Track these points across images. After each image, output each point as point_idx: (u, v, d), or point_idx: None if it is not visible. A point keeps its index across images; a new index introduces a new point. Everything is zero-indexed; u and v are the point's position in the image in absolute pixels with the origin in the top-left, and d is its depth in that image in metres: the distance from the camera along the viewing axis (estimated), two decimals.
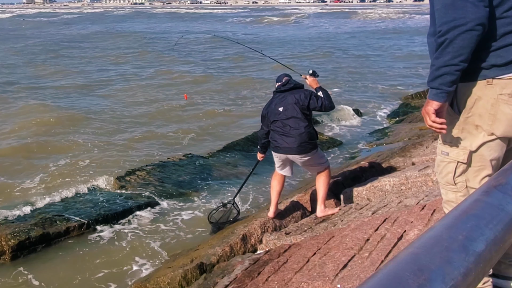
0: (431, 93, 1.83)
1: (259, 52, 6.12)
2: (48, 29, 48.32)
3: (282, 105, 4.55)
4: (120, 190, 6.67)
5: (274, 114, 4.56)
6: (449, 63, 1.76)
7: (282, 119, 4.51)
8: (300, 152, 4.48)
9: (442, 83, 1.79)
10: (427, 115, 1.84)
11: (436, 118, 1.82)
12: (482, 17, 1.71)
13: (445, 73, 1.77)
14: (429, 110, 1.82)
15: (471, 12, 1.71)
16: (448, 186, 1.99)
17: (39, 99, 13.32)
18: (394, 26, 45.38)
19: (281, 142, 4.51)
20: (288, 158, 4.59)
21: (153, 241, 5.49)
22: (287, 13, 76.15)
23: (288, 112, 4.51)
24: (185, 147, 9.02)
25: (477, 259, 0.86)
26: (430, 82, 1.83)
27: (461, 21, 1.72)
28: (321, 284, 2.84)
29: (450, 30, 1.74)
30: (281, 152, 4.57)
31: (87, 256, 5.22)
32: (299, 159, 4.55)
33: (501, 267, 1.99)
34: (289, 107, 4.52)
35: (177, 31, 42.17)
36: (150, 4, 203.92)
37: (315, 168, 4.71)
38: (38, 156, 8.47)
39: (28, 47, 28.73)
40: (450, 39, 1.74)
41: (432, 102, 1.82)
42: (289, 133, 4.47)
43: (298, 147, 4.45)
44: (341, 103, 12.81)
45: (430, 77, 1.83)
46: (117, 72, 18.92)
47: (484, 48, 1.80)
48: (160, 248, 5.35)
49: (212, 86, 15.45)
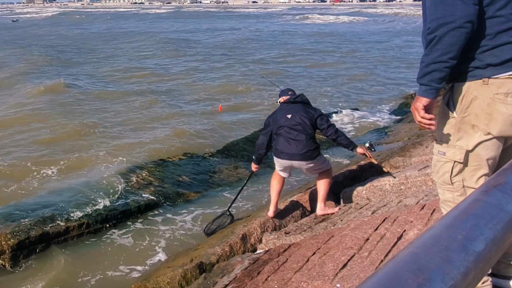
0: (421, 89, 1.85)
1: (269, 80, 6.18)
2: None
3: (290, 113, 4.58)
4: (120, 190, 6.66)
5: (281, 120, 4.58)
6: (438, 60, 1.77)
7: (290, 125, 4.53)
8: (306, 158, 4.50)
9: (431, 79, 1.81)
10: (416, 111, 1.86)
11: (425, 114, 1.84)
12: (471, 14, 1.73)
13: (434, 70, 1.79)
14: (418, 106, 1.85)
15: (460, 9, 1.72)
16: (445, 185, 1.99)
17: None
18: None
19: (287, 148, 4.50)
20: (293, 165, 4.59)
21: (152, 241, 5.49)
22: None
23: (297, 119, 4.54)
24: (185, 147, 9.01)
25: (477, 259, 0.86)
26: (420, 79, 1.85)
27: (450, 18, 1.73)
28: (320, 283, 2.84)
29: (439, 27, 1.75)
30: (286, 158, 4.55)
31: (86, 256, 5.22)
32: (305, 165, 4.56)
33: (500, 266, 1.99)
34: (298, 115, 4.56)
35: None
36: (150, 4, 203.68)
37: (318, 172, 4.73)
38: (38, 155, 8.46)
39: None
40: (439, 36, 1.75)
41: (421, 99, 1.84)
42: (295, 138, 4.48)
43: (305, 153, 4.47)
44: (342, 103, 12.84)
45: (420, 73, 1.85)
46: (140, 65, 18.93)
47: (479, 48, 1.81)
48: (159, 247, 5.35)
49: (213, 86, 15.45)
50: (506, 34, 1.79)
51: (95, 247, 5.39)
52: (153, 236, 5.60)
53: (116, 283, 4.72)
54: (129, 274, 4.85)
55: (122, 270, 4.92)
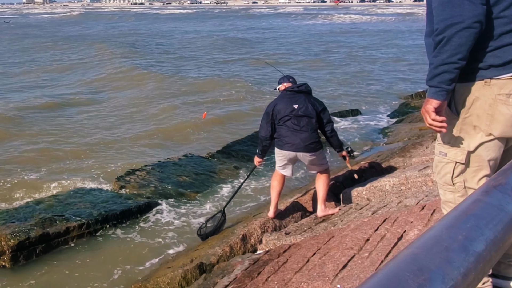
0: (431, 91, 1.82)
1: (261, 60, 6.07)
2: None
3: (297, 103, 4.50)
4: (120, 190, 6.66)
5: (286, 110, 4.49)
6: (448, 61, 1.75)
7: (297, 116, 4.47)
8: (310, 150, 4.49)
9: (441, 81, 1.78)
10: (427, 114, 1.83)
11: (436, 117, 1.81)
12: (479, 14, 1.71)
13: (444, 71, 1.77)
14: (428, 108, 1.81)
15: (469, 9, 1.70)
16: (446, 186, 1.99)
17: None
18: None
19: (292, 139, 4.47)
20: (297, 156, 4.56)
21: (152, 241, 5.49)
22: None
23: (303, 110, 4.48)
24: (185, 147, 9.01)
25: (477, 259, 0.86)
26: (429, 81, 1.82)
27: (458, 18, 1.71)
28: (321, 284, 2.84)
29: (447, 27, 1.74)
30: (291, 150, 4.50)
31: (86, 256, 5.21)
32: (308, 157, 4.55)
33: (500, 267, 1.99)
34: (305, 106, 4.49)
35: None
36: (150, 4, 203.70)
37: (318, 168, 4.72)
38: (38, 155, 8.46)
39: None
40: (448, 37, 1.74)
41: (432, 101, 1.81)
42: (301, 129, 4.45)
43: (309, 144, 4.47)
44: (341, 104, 12.83)
45: (429, 75, 1.83)
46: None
47: (481, 48, 1.80)
48: (159, 248, 5.35)
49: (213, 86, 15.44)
50: (509, 35, 1.78)
51: (95, 248, 5.39)
52: (153, 237, 5.59)
53: (116, 283, 4.72)
54: (129, 274, 4.85)
55: (122, 270, 4.92)
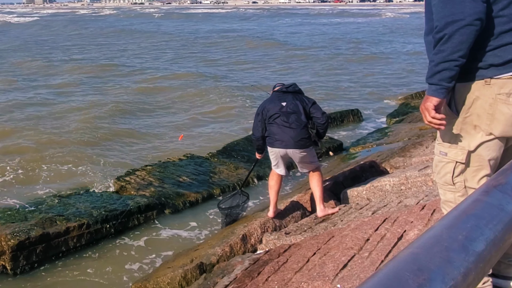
0: (430, 89, 1.82)
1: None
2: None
3: (285, 101, 4.60)
4: (120, 190, 6.66)
5: (275, 108, 4.59)
6: (448, 58, 1.75)
7: (284, 112, 4.54)
8: (300, 146, 4.53)
9: (441, 79, 1.78)
10: (426, 111, 1.83)
11: (435, 114, 1.80)
12: (480, 11, 1.71)
13: (444, 68, 1.76)
14: (428, 106, 1.81)
15: (469, 6, 1.70)
16: (447, 186, 1.99)
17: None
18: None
19: (281, 136, 4.53)
20: (287, 153, 4.60)
21: (152, 241, 5.49)
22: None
23: (292, 107, 4.56)
24: (185, 147, 9.01)
25: (477, 259, 0.86)
26: (429, 78, 1.82)
27: (459, 15, 1.71)
28: (321, 284, 2.84)
29: (448, 25, 1.73)
30: (281, 147, 4.57)
31: (86, 256, 5.22)
32: (299, 153, 4.58)
33: (500, 267, 1.99)
34: (293, 103, 4.58)
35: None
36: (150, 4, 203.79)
37: (309, 166, 4.75)
38: (38, 155, 8.45)
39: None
40: (449, 34, 1.73)
41: (432, 98, 1.81)
42: (290, 126, 4.50)
43: (299, 141, 4.51)
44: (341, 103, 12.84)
45: (429, 73, 1.82)
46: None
47: (481, 48, 1.79)
48: (159, 248, 5.35)
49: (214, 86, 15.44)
50: (508, 35, 1.78)
51: (95, 248, 5.39)
52: (153, 236, 5.60)
53: (116, 283, 4.72)
54: (129, 274, 4.85)
55: (122, 270, 4.92)
